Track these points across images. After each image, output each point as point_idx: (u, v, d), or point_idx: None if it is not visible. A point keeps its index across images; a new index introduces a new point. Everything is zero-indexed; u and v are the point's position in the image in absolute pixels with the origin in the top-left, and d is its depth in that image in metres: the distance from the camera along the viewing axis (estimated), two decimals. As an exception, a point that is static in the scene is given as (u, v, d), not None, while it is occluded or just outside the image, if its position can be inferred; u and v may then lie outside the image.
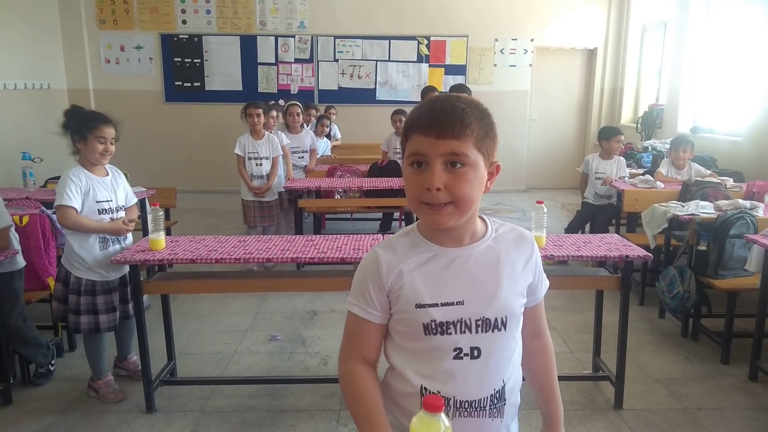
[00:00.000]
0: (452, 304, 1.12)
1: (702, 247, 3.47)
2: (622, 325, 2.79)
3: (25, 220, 3.18)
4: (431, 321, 1.12)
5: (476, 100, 1.11)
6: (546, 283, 1.26)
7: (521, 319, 1.20)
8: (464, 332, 1.12)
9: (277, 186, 5.05)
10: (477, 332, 1.13)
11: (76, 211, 2.70)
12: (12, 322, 2.91)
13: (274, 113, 5.33)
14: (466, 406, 1.12)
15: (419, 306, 1.12)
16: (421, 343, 1.14)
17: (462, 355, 1.13)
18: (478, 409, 1.13)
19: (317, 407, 2.87)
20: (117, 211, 2.86)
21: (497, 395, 1.15)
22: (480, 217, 1.20)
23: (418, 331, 1.13)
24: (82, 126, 2.73)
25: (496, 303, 1.13)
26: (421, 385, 1.14)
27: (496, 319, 1.13)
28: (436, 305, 1.12)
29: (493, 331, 1.14)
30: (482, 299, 1.13)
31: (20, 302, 2.95)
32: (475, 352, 1.13)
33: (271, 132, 5.11)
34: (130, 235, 2.97)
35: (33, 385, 3.07)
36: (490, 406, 1.14)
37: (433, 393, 1.13)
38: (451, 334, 1.12)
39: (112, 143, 2.80)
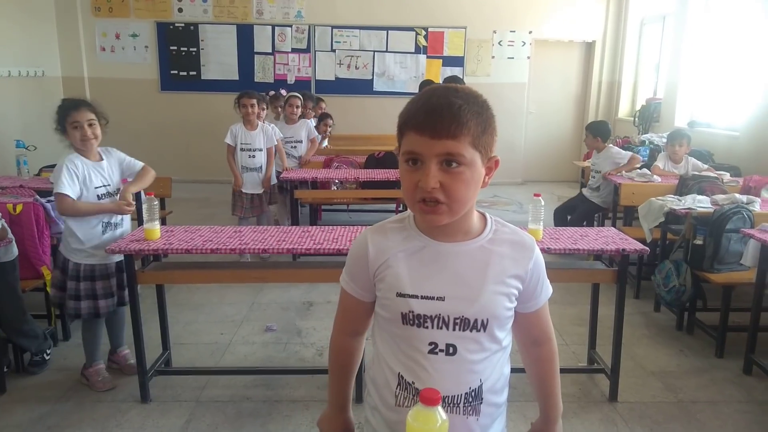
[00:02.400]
0: (432, 298, 1.11)
1: (698, 241, 3.48)
2: (618, 318, 2.79)
3: (19, 208, 3.15)
4: (409, 311, 1.12)
5: (474, 93, 1.08)
6: (548, 291, 1.22)
7: (508, 323, 1.18)
8: (441, 328, 1.12)
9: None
10: (454, 330, 1.12)
11: (72, 198, 2.68)
12: (10, 315, 2.90)
13: (264, 105, 5.24)
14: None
15: (400, 295, 1.12)
16: (400, 331, 1.14)
17: (437, 350, 1.12)
18: (452, 405, 1.13)
19: (312, 398, 2.87)
20: (115, 194, 2.86)
21: (473, 393, 1.14)
22: (482, 214, 1.18)
23: (397, 318, 1.14)
24: (59, 117, 2.73)
25: (477, 304, 1.11)
26: (399, 373, 1.15)
27: (476, 320, 1.12)
28: (416, 297, 1.12)
29: (471, 331, 1.12)
30: (463, 298, 1.11)
31: (17, 293, 2.94)
32: (450, 349, 1.12)
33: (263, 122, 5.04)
34: (127, 223, 2.96)
35: (27, 373, 3.06)
36: (465, 403, 1.13)
37: (409, 383, 1.13)
38: (428, 327, 1.12)
39: (91, 125, 2.73)
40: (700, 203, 3.69)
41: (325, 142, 6.77)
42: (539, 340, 1.27)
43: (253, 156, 4.82)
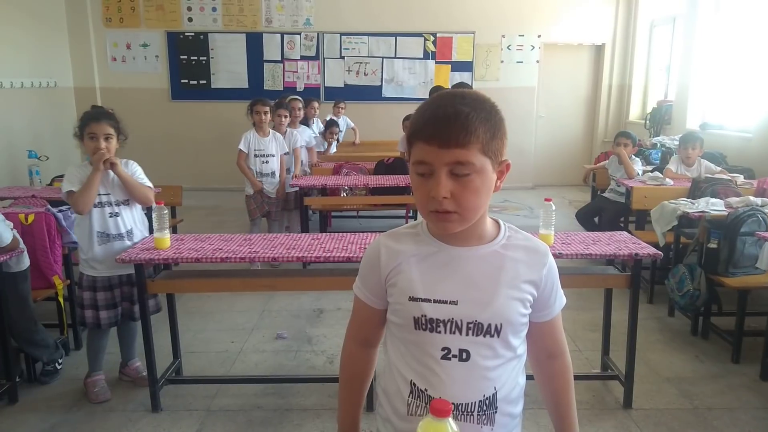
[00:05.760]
0: (445, 302, 1.10)
1: (712, 245, 3.43)
2: (632, 324, 2.76)
3: (31, 218, 3.17)
4: (422, 316, 1.11)
5: (482, 97, 1.07)
6: (562, 300, 1.21)
7: (523, 330, 1.16)
8: (454, 333, 1.11)
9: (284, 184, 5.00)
10: (467, 335, 1.11)
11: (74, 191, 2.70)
12: (21, 324, 2.91)
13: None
14: (452, 409, 1.10)
15: (412, 299, 1.12)
16: (412, 336, 1.13)
17: (450, 355, 1.11)
18: (465, 413, 1.11)
19: (323, 406, 2.85)
20: (116, 205, 2.83)
21: (487, 402, 1.12)
22: (495, 220, 1.18)
23: (409, 323, 1.13)
24: (80, 124, 2.76)
25: (490, 309, 1.10)
26: (411, 380, 1.13)
27: (489, 325, 1.11)
28: (429, 301, 1.11)
29: (485, 336, 1.11)
30: (477, 303, 1.10)
31: (29, 304, 2.95)
32: (463, 355, 1.11)
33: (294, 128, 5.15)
34: (137, 233, 2.92)
35: (39, 383, 3.06)
36: (479, 411, 1.11)
37: (421, 390, 1.12)
38: (440, 332, 1.11)
39: (107, 139, 2.72)
40: (713, 206, 3.64)
41: (333, 149, 6.79)
42: (554, 352, 1.25)
43: (267, 162, 4.88)
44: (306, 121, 6.25)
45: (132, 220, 2.90)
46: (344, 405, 1.30)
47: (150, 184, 2.99)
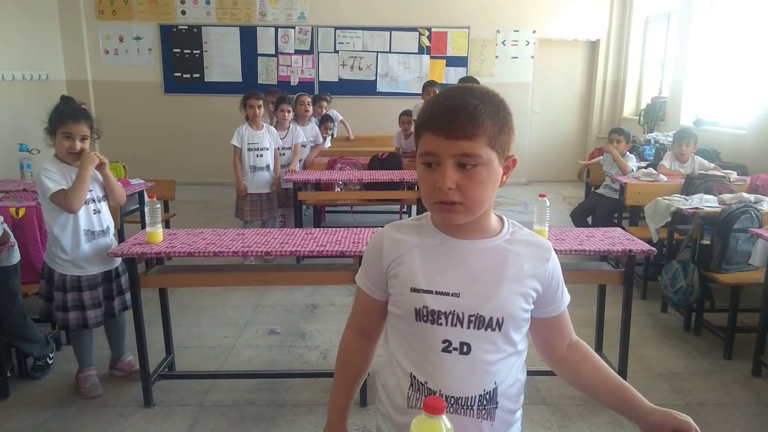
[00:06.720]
0: (447, 294, 1.10)
1: (705, 241, 3.44)
2: (625, 320, 2.76)
3: (22, 212, 3.14)
4: (423, 307, 1.11)
5: (491, 92, 1.08)
6: (568, 296, 1.21)
7: (524, 326, 1.16)
8: (455, 325, 1.10)
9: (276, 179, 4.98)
10: (469, 328, 1.10)
11: (65, 192, 2.60)
12: (11, 320, 2.89)
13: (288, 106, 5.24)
14: (452, 402, 1.10)
15: (414, 290, 1.12)
16: (413, 328, 1.13)
17: (451, 348, 1.11)
18: (465, 407, 1.10)
19: (316, 402, 2.85)
20: (98, 201, 2.79)
21: (487, 396, 1.11)
22: (499, 217, 1.18)
23: (410, 315, 1.12)
24: (52, 120, 2.66)
25: (492, 302, 1.10)
26: (411, 373, 1.13)
27: (491, 319, 1.10)
28: (431, 292, 1.11)
29: (486, 329, 1.10)
30: (479, 295, 1.10)
31: (18, 299, 2.92)
32: (464, 348, 1.10)
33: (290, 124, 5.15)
34: (112, 229, 2.88)
35: (30, 378, 3.04)
36: (479, 406, 1.11)
37: (422, 383, 1.11)
38: (441, 324, 1.10)
39: (83, 140, 2.66)
40: (707, 203, 3.65)
41: (327, 143, 6.77)
42: (572, 341, 1.23)
43: (261, 155, 4.85)
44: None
45: (108, 216, 2.87)
46: (334, 394, 1.31)
47: (120, 185, 2.95)
